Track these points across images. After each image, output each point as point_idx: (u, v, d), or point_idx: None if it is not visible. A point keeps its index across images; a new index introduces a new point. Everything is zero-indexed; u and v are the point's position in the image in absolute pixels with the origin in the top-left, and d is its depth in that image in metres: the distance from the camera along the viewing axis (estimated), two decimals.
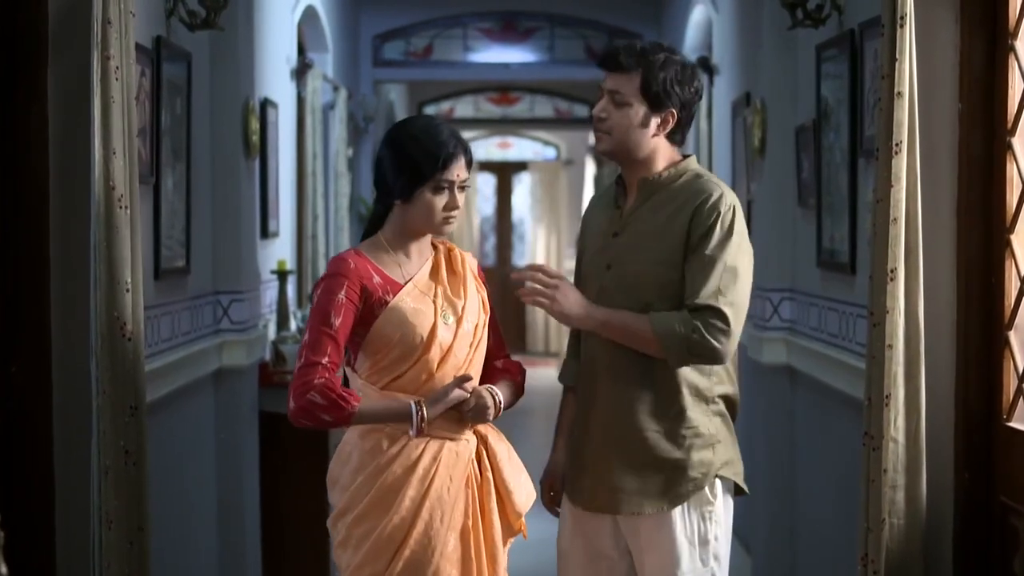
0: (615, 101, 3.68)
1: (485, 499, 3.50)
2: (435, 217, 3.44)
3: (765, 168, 5.78)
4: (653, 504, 3.62)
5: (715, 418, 3.67)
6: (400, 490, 3.40)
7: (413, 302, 3.45)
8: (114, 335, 3.58)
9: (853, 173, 4.66)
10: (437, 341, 3.43)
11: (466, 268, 3.57)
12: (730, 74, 6.89)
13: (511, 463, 3.57)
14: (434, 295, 3.48)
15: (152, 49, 4.44)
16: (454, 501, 3.43)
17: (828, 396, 4.93)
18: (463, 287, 3.53)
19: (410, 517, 3.39)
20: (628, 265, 3.65)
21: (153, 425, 4.21)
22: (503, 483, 3.53)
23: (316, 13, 8.03)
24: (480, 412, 3.45)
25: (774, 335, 5.63)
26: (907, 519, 3.74)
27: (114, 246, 3.59)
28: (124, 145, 3.62)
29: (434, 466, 3.42)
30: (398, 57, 10.56)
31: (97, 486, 3.59)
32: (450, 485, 3.43)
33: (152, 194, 4.50)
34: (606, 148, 3.72)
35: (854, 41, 4.61)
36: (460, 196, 3.46)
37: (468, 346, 3.49)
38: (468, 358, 3.49)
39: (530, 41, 10.61)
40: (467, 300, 3.52)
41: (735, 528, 6.49)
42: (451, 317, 3.47)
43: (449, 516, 3.42)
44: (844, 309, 4.78)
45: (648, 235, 3.64)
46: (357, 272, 3.43)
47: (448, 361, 3.45)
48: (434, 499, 3.41)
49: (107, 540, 3.59)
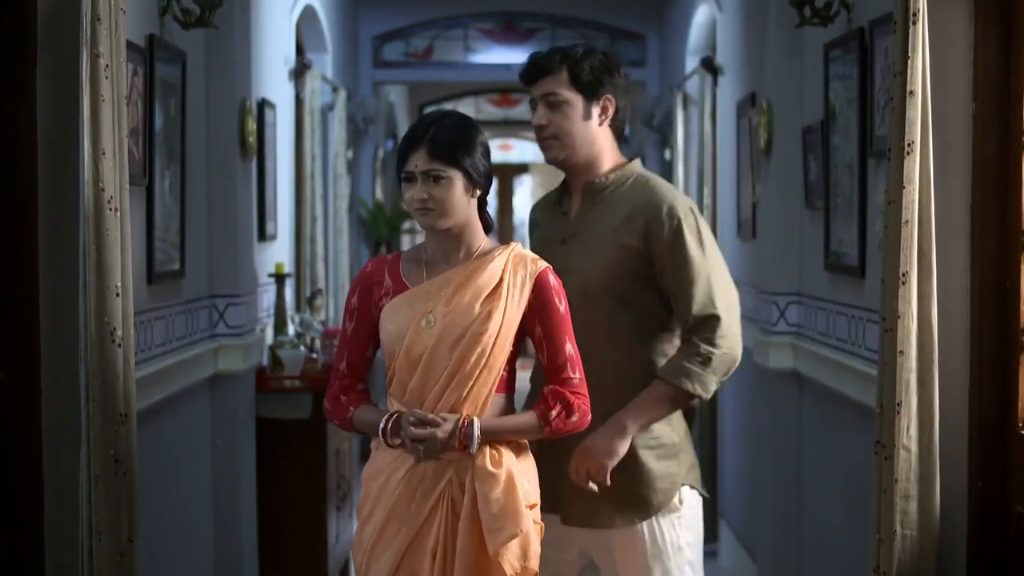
0: (551, 103, 3.74)
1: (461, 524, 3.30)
2: (412, 210, 3.36)
3: (771, 169, 5.70)
4: (624, 517, 3.70)
5: (678, 425, 3.78)
6: (371, 498, 3.38)
7: (400, 304, 3.36)
8: (104, 341, 3.48)
9: (863, 174, 4.58)
10: (404, 344, 3.32)
11: (508, 272, 3.37)
12: (735, 74, 6.81)
13: (495, 501, 3.27)
14: (434, 300, 3.34)
15: (145, 48, 4.36)
16: (415, 518, 3.32)
17: (837, 402, 4.85)
18: (484, 292, 3.34)
19: (375, 526, 3.35)
20: (580, 275, 3.66)
21: (147, 432, 4.13)
22: (479, 519, 3.30)
23: (315, 13, 7.96)
24: (430, 449, 3.28)
25: (780, 339, 5.55)
26: (920, 530, 3.67)
27: (103, 249, 3.49)
28: (114, 146, 3.53)
29: (401, 481, 3.33)
30: (398, 58, 10.48)
31: (87, 496, 3.50)
32: (412, 502, 3.32)
33: (145, 196, 4.42)
34: (556, 155, 3.76)
35: (864, 39, 4.53)
36: (430, 187, 3.30)
37: (450, 357, 3.29)
38: (456, 369, 3.30)
39: (531, 42, 10.52)
40: (472, 304, 3.32)
41: (739, 535, 6.44)
42: (432, 319, 3.32)
43: (408, 531, 3.31)
44: (853, 313, 4.70)
45: (597, 242, 3.69)
46: (367, 276, 3.44)
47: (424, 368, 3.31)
48: (393, 512, 3.33)
49: (97, 551, 3.49)
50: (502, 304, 3.33)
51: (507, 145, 18.80)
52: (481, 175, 3.37)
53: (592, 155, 3.73)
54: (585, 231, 3.72)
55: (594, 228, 3.69)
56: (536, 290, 3.37)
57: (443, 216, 3.33)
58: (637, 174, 3.77)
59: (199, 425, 5.13)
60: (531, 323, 3.38)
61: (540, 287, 3.37)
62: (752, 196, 6.17)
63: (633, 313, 3.72)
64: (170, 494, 4.68)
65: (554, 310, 3.37)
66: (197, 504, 5.14)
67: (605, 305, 3.67)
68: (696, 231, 3.66)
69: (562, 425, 3.37)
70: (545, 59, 3.76)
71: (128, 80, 3.94)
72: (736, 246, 6.76)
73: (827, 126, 5.03)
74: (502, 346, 3.33)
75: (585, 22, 10.43)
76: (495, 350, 3.32)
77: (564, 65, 3.72)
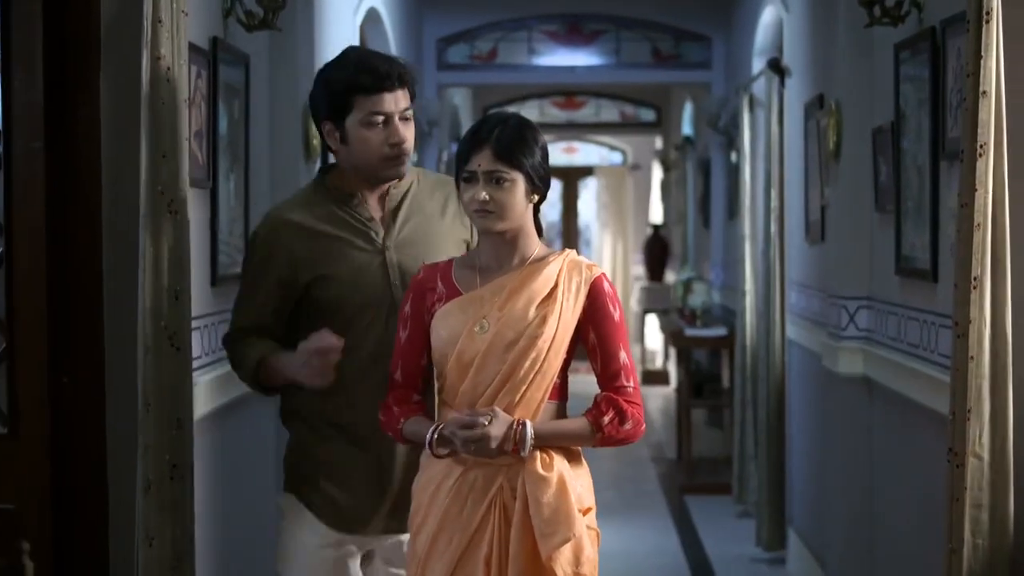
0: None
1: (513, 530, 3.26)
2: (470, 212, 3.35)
3: (840, 172, 5.63)
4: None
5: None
6: (422, 508, 3.36)
7: (453, 309, 3.33)
8: (160, 344, 3.46)
9: (935, 177, 4.50)
10: (456, 349, 3.29)
11: (563, 277, 3.33)
12: (802, 76, 6.74)
13: (547, 505, 3.23)
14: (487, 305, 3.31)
15: (208, 50, 4.34)
16: (467, 526, 3.28)
17: (909, 409, 4.77)
18: (539, 297, 3.30)
19: (428, 536, 3.32)
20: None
21: (209, 438, 4.11)
22: (532, 524, 3.25)
23: (379, 16, 7.94)
24: (480, 448, 3.23)
25: (850, 344, 5.48)
26: (992, 539, 3.59)
27: (161, 252, 3.47)
28: (175, 148, 3.51)
29: (452, 489, 3.31)
30: (462, 61, 10.45)
31: (140, 501, 3.47)
32: (464, 509, 3.29)
33: (209, 198, 4.40)
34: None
35: (935, 39, 4.45)
36: (492, 188, 3.27)
37: (503, 361, 3.25)
38: (509, 374, 3.26)
39: (596, 44, 10.47)
40: (527, 309, 3.29)
41: (807, 542, 6.36)
42: (486, 324, 3.29)
43: (461, 539, 3.28)
44: (925, 318, 4.62)
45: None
46: (420, 283, 3.41)
47: (475, 372, 3.28)
48: (445, 520, 3.30)
49: (147, 557, 3.46)
50: (557, 309, 3.30)
51: (571, 148, 18.75)
52: (542, 179, 3.33)
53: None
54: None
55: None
56: (591, 296, 3.33)
57: (502, 219, 3.29)
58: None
59: (264, 431, 5.10)
60: (585, 329, 3.34)
61: (595, 293, 3.33)
62: (820, 199, 6.10)
63: None
64: (233, 501, 4.66)
65: (608, 317, 3.33)
66: (261, 511, 5.11)
67: None
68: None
69: (615, 432, 3.30)
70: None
71: (191, 83, 3.92)
72: (803, 249, 6.69)
73: (898, 128, 4.96)
74: (556, 351, 3.29)
75: (650, 24, 10.36)
76: (549, 355, 3.28)
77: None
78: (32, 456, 3.64)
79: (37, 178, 3.64)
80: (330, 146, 3.57)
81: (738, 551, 7.53)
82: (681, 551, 7.63)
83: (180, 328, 3.50)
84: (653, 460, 10.37)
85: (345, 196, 3.57)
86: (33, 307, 3.64)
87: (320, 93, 3.55)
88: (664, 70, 10.51)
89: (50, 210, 3.66)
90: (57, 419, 3.68)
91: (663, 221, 16.48)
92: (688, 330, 9.80)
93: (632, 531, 7.99)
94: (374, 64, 3.48)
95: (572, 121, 15.98)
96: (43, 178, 3.64)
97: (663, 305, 14.14)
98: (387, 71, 3.47)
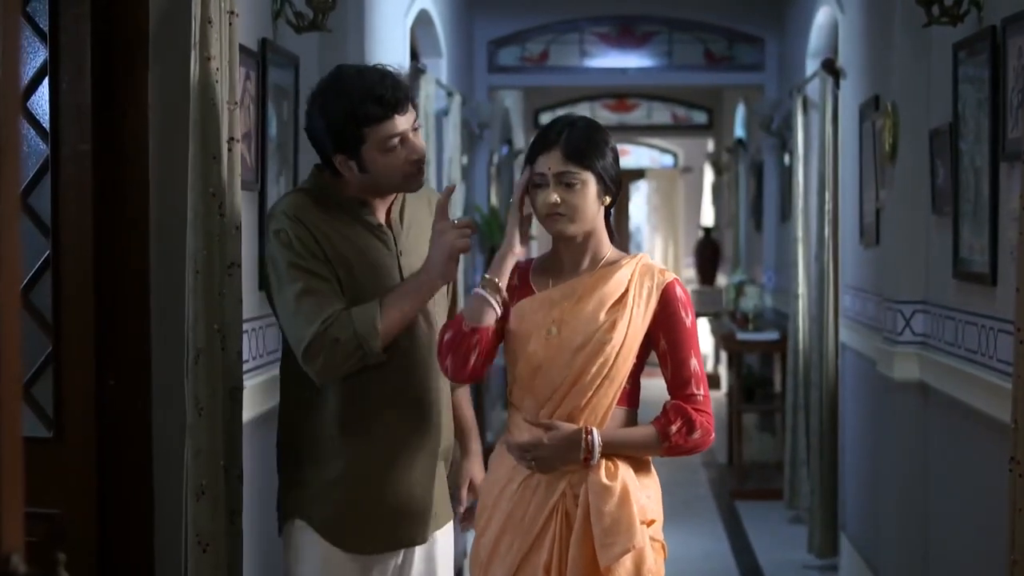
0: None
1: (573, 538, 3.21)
2: (541, 216, 3.28)
3: (896, 174, 5.55)
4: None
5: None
6: (487, 509, 3.34)
7: (525, 309, 3.30)
8: (212, 348, 3.43)
9: (994, 179, 4.42)
10: (527, 351, 3.25)
11: (634, 282, 3.28)
12: (857, 77, 6.66)
13: (608, 515, 3.17)
14: (558, 308, 3.27)
15: (258, 51, 4.31)
16: (528, 530, 3.25)
17: (967, 416, 4.68)
18: (609, 301, 3.26)
19: (490, 539, 3.30)
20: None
21: (259, 442, 4.07)
22: (592, 532, 3.20)
23: (430, 18, 7.92)
24: (543, 462, 3.22)
25: (906, 349, 5.40)
26: None
27: (212, 255, 3.44)
28: (224, 150, 3.47)
29: (516, 492, 3.28)
30: (513, 63, 10.42)
31: (191, 508, 3.44)
32: (526, 514, 3.25)
33: (258, 201, 4.37)
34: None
35: (996, 38, 4.36)
36: (563, 191, 3.23)
37: (570, 365, 3.22)
38: (577, 377, 3.22)
39: (648, 46, 10.41)
40: (597, 313, 3.24)
41: (860, 549, 6.27)
42: (555, 329, 3.25)
43: (522, 544, 3.24)
44: (984, 323, 4.53)
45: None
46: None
47: (543, 375, 3.24)
48: (508, 524, 3.27)
49: (200, 563, 3.42)
50: (627, 314, 3.24)
51: (623, 150, 18.70)
52: (613, 180, 3.28)
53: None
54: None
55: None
56: (663, 302, 3.26)
57: (573, 222, 3.23)
58: None
59: None
60: (656, 336, 3.27)
61: (667, 299, 3.27)
62: (875, 201, 6.02)
63: None
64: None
65: (680, 323, 3.26)
66: None
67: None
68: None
69: (683, 442, 3.24)
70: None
71: (240, 84, 3.89)
72: (858, 252, 6.61)
73: (955, 129, 4.87)
74: (625, 357, 3.24)
75: (702, 25, 10.30)
76: (618, 361, 3.22)
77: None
78: (78, 460, 3.61)
79: (85, 180, 3.60)
80: (343, 175, 3.40)
81: (790, 557, 7.47)
82: (732, 557, 7.57)
83: (231, 331, 3.47)
84: (704, 465, 10.31)
85: (354, 203, 3.43)
86: (80, 309, 3.61)
87: (322, 129, 3.36)
88: (717, 72, 10.45)
89: (98, 212, 3.63)
90: (103, 423, 3.65)
91: (714, 224, 16.40)
92: (740, 334, 9.73)
93: (683, 536, 7.93)
94: (377, 92, 3.32)
95: (623, 123, 15.93)
96: (91, 180, 3.60)
97: (714, 309, 14.07)
98: (393, 98, 3.33)
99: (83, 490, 3.62)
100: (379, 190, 3.44)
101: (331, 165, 3.41)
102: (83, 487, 3.62)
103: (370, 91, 3.32)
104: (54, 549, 1.63)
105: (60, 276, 3.63)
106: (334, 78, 3.40)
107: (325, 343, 3.26)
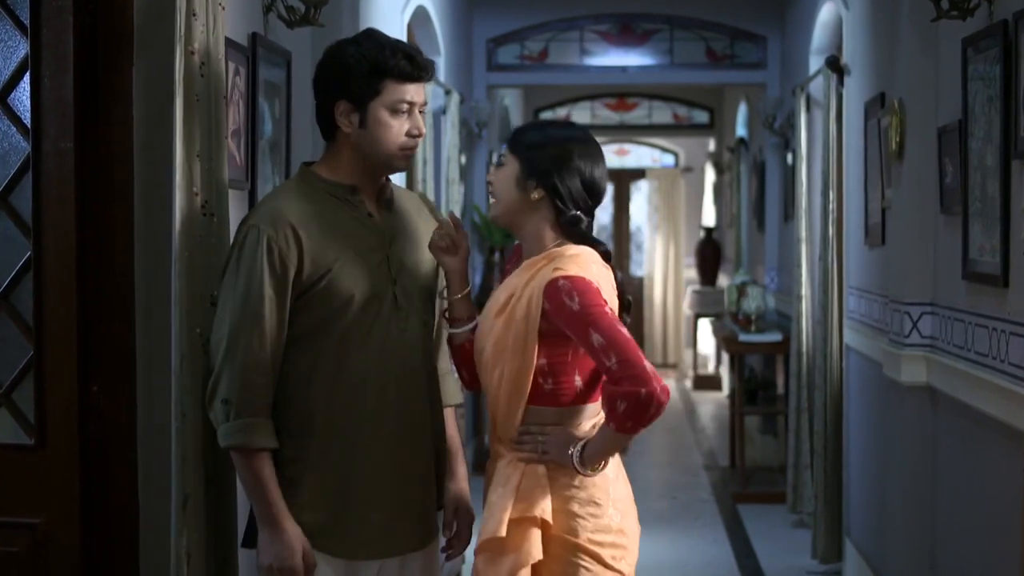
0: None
1: None
2: None
3: (904, 173, 5.45)
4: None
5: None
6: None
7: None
8: (195, 353, 3.31)
9: (1005, 177, 4.31)
10: None
11: (521, 283, 3.34)
12: (863, 74, 6.56)
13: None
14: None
15: (248, 46, 4.20)
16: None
17: (977, 421, 4.58)
18: (496, 307, 3.37)
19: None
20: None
21: None
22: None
23: (427, 15, 7.82)
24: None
25: (913, 352, 5.30)
26: None
27: (197, 256, 3.33)
28: (210, 148, 3.36)
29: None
30: (513, 61, 10.33)
31: (177, 517, 3.33)
32: None
33: (248, 200, 4.26)
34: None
35: (1007, 33, 4.26)
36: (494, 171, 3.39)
37: (483, 368, 3.40)
38: (487, 382, 3.38)
39: (649, 44, 10.32)
40: (494, 318, 3.32)
41: (865, 555, 6.18)
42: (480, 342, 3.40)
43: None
44: (995, 326, 4.43)
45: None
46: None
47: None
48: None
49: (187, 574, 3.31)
50: (508, 315, 3.24)
51: (623, 150, 18.60)
52: (545, 173, 3.24)
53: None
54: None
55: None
56: (547, 299, 3.16)
57: (495, 197, 3.33)
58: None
59: None
60: (564, 334, 3.17)
61: (549, 295, 3.16)
62: (881, 201, 5.92)
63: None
64: None
65: (568, 312, 3.12)
66: None
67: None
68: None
69: (624, 420, 3.06)
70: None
71: (229, 80, 3.79)
72: (862, 252, 6.52)
73: (965, 126, 4.77)
74: (514, 357, 3.21)
75: (704, 23, 10.22)
76: (509, 362, 3.22)
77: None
78: (60, 468, 3.52)
79: (67, 179, 3.51)
80: (340, 127, 3.30)
81: (793, 562, 7.38)
82: (734, 561, 7.48)
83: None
84: (706, 468, 10.22)
85: (344, 189, 3.31)
86: (62, 313, 3.52)
87: (339, 71, 3.28)
88: (718, 70, 10.36)
89: (80, 213, 3.53)
90: (86, 430, 3.54)
91: (716, 224, 16.31)
92: (742, 335, 9.63)
93: (684, 540, 7.84)
94: (410, 52, 3.30)
95: (624, 123, 15.85)
96: (74, 179, 3.51)
97: (716, 309, 13.97)
98: (423, 62, 3.31)
99: (66, 498, 3.53)
100: (368, 163, 3.32)
101: (325, 119, 3.31)
102: (66, 495, 3.53)
103: (402, 48, 3.30)
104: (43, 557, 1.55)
105: (42, 278, 3.53)
106: (365, 34, 3.37)
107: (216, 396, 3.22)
